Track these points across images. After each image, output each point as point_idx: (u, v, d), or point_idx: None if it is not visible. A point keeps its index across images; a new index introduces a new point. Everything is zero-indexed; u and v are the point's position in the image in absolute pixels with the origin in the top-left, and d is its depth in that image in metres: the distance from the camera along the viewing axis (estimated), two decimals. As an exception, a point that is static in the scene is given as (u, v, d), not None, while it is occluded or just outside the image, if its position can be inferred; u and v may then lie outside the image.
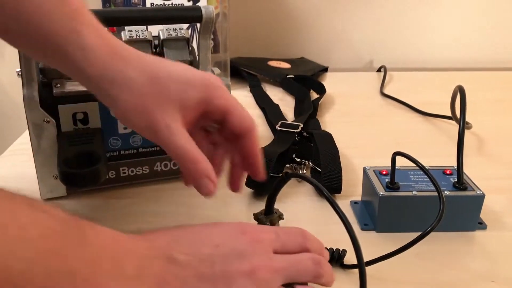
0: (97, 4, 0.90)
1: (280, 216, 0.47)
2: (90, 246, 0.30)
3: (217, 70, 0.62)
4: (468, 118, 0.79)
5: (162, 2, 0.90)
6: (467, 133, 0.79)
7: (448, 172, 0.56)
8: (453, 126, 0.80)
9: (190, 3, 0.92)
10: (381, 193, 0.52)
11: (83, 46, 0.40)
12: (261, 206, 0.56)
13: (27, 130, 0.56)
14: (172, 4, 0.91)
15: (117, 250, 0.32)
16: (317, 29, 1.16)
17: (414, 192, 0.52)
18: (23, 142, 0.74)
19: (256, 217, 0.48)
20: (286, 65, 1.09)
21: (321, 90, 0.94)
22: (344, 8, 1.15)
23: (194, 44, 0.64)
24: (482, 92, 0.98)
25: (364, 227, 0.54)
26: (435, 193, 0.49)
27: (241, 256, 0.35)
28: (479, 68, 1.17)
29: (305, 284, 0.39)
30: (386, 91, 0.99)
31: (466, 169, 0.57)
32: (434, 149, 0.74)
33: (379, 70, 1.14)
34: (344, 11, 1.15)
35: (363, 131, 0.82)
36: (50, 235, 0.27)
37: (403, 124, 0.85)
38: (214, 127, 0.46)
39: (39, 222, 0.27)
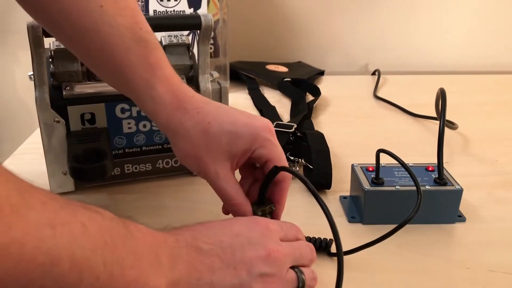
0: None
1: (271, 207, 0.51)
2: (133, 239, 0.35)
3: (216, 74, 0.67)
4: (454, 119, 0.84)
5: (164, 9, 0.94)
6: (453, 133, 0.83)
7: (430, 168, 0.60)
8: (441, 127, 0.84)
9: (191, 10, 0.96)
10: (366, 187, 0.56)
11: (154, 98, 0.47)
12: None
13: (37, 130, 0.60)
14: (173, 10, 0.95)
15: (153, 242, 0.37)
16: (314, 34, 1.20)
17: (397, 187, 0.56)
18: (33, 142, 0.79)
19: None
20: (283, 69, 1.13)
21: (317, 92, 0.98)
22: (340, 14, 1.19)
23: (195, 50, 0.69)
24: (469, 94, 1.02)
25: (351, 219, 0.58)
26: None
27: (256, 243, 0.41)
28: (468, 72, 1.21)
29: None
30: (379, 94, 1.03)
31: (451, 167, 0.61)
32: (422, 148, 0.79)
33: (373, 73, 1.18)
34: (340, 17, 1.19)
35: (355, 131, 0.86)
36: (103, 230, 0.33)
37: (393, 125, 0.89)
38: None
39: (94, 220, 0.32)
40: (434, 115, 0.86)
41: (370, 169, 0.60)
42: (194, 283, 0.38)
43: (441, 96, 0.62)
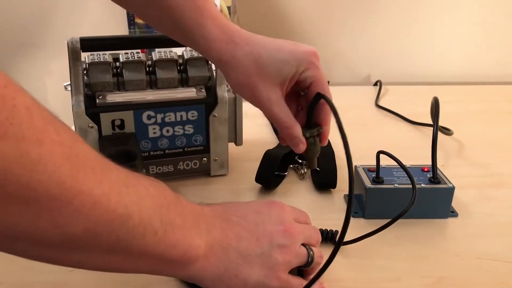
0: (124, 26, 1.02)
1: (319, 129, 0.55)
2: (181, 205, 0.42)
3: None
4: (450, 126, 0.90)
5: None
6: (449, 138, 0.89)
7: (425, 169, 0.67)
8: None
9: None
10: (368, 185, 0.63)
11: (206, 36, 0.52)
12: (268, 198, 0.67)
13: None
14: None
15: (194, 210, 0.44)
16: (319, 47, 1.24)
17: (395, 185, 0.63)
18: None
19: None
20: (290, 80, 1.20)
21: (322, 102, 1.05)
22: (343, 28, 1.26)
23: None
24: (465, 103, 1.09)
25: (355, 214, 0.65)
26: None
27: (275, 220, 0.47)
28: (464, 83, 1.27)
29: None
30: (380, 103, 1.09)
31: (446, 169, 0.67)
32: (419, 152, 0.84)
33: (375, 84, 1.24)
34: (343, 31, 1.26)
35: (358, 137, 0.91)
36: (160, 194, 0.39)
37: (393, 132, 0.96)
38: (306, 92, 0.56)
39: (153, 185, 0.39)
40: (431, 122, 0.93)
41: (371, 169, 0.66)
42: (225, 246, 0.44)
43: (435, 104, 0.69)
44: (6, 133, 0.27)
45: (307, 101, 0.55)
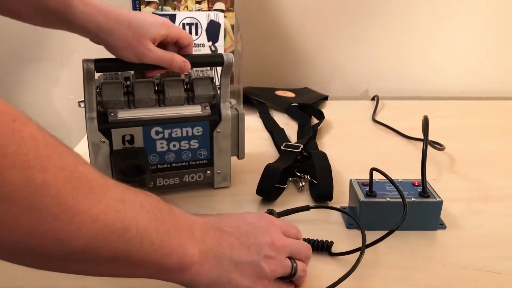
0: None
1: None
2: (175, 216, 0.46)
3: (233, 101, 0.78)
4: (442, 141, 0.95)
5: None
6: (441, 153, 0.93)
7: (416, 183, 0.71)
8: (431, 149, 0.95)
9: (210, 43, 1.08)
10: (361, 199, 0.67)
11: (78, 15, 0.63)
12: (268, 208, 0.71)
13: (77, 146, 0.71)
14: (195, 43, 1.07)
15: (189, 221, 0.48)
16: (319, 63, 1.31)
17: (387, 199, 0.67)
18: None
19: None
20: (291, 94, 1.25)
21: (321, 116, 1.09)
22: (342, 45, 1.30)
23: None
24: (458, 119, 1.14)
25: (349, 226, 0.69)
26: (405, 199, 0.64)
27: (265, 232, 0.51)
28: (458, 98, 1.31)
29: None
30: (377, 118, 1.14)
31: (437, 183, 0.71)
32: (412, 166, 0.88)
33: (373, 99, 1.29)
34: (342, 47, 1.30)
35: (354, 151, 0.97)
36: (154, 207, 0.43)
37: (388, 146, 1.00)
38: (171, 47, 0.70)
39: (148, 199, 0.43)
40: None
41: (365, 183, 0.71)
42: (219, 255, 0.48)
43: (425, 123, 0.73)
44: (14, 163, 0.31)
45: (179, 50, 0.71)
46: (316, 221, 0.71)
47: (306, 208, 0.68)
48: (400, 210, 0.64)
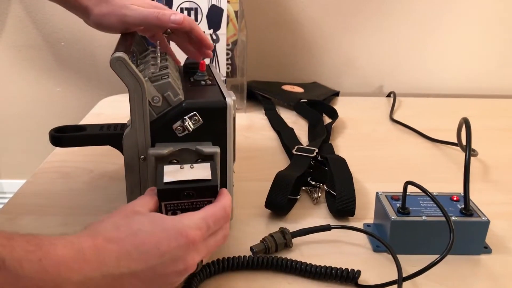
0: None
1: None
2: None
3: (232, 95, 0.66)
4: (473, 145, 0.83)
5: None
6: (473, 160, 0.82)
7: (455, 198, 0.60)
8: (459, 152, 0.84)
9: (211, 31, 0.97)
10: (393, 217, 0.56)
11: None
12: (278, 225, 0.60)
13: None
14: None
15: (57, 276, 0.38)
16: (329, 55, 1.21)
17: (423, 217, 0.56)
18: (54, 160, 0.79)
19: None
20: (299, 89, 1.13)
21: (334, 114, 0.98)
22: (355, 35, 1.19)
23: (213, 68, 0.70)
24: (487, 119, 1.02)
25: (377, 248, 0.58)
26: (443, 218, 0.53)
27: (178, 260, 0.44)
28: (485, 96, 1.21)
29: None
30: (395, 117, 1.03)
31: (471, 195, 0.60)
32: (441, 174, 0.78)
33: (388, 95, 1.18)
34: (355, 38, 1.19)
35: (373, 155, 0.85)
36: None
37: (411, 150, 0.89)
38: (168, 32, 0.66)
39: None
40: (452, 140, 0.87)
41: (395, 197, 0.60)
42: None
43: (465, 127, 0.62)
44: None
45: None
46: (337, 243, 0.59)
47: (326, 228, 0.57)
48: (440, 231, 0.54)
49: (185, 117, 0.54)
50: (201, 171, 0.50)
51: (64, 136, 0.60)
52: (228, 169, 0.58)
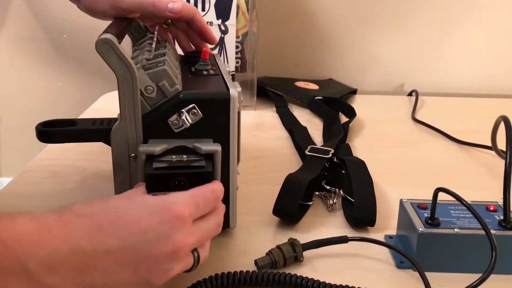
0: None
1: None
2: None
3: (237, 86, 0.59)
4: (503, 148, 0.75)
5: None
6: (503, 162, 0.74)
7: (491, 208, 0.52)
8: (493, 157, 0.76)
9: (219, 21, 0.90)
10: (420, 229, 0.48)
11: None
12: (288, 235, 0.53)
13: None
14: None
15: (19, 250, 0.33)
16: (347, 51, 1.13)
17: (456, 230, 0.48)
18: (44, 158, 0.73)
19: None
20: (314, 86, 1.06)
21: (351, 113, 0.91)
22: (375, 30, 1.12)
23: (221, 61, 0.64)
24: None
25: (400, 265, 0.50)
26: (480, 231, 0.46)
27: (166, 238, 0.37)
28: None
29: None
30: (417, 117, 0.95)
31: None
32: (472, 180, 0.70)
33: (410, 94, 1.10)
34: (375, 33, 1.12)
35: (395, 158, 0.78)
36: None
37: (437, 152, 0.81)
38: (168, 23, 0.62)
39: None
40: (480, 142, 0.79)
41: (422, 206, 0.52)
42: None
43: (505, 126, 0.54)
44: None
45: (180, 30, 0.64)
46: (355, 257, 0.52)
47: (343, 240, 0.50)
48: (475, 246, 0.46)
49: (182, 110, 0.48)
50: (196, 161, 0.45)
51: (52, 131, 0.54)
52: (231, 170, 0.51)
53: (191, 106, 0.47)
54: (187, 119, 0.48)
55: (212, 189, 0.43)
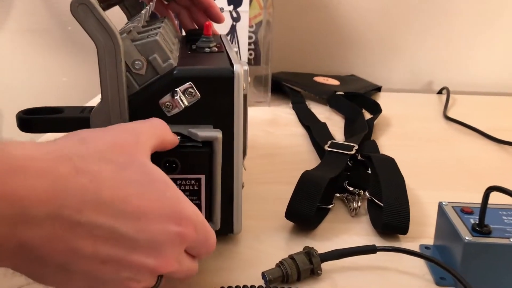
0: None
1: None
2: None
3: (244, 64, 0.50)
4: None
5: None
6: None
7: (553, 214, 0.43)
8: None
9: (231, 8, 0.83)
10: (466, 237, 0.39)
11: None
12: (303, 243, 0.44)
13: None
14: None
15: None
16: (370, 44, 1.06)
17: (511, 239, 0.39)
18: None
19: None
20: (334, 82, 0.98)
21: (376, 109, 0.82)
22: (402, 24, 1.04)
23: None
24: None
25: (441, 281, 0.41)
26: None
27: (155, 249, 0.31)
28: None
29: None
30: (450, 115, 0.86)
31: None
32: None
33: (439, 92, 1.01)
34: (401, 26, 1.04)
35: (425, 157, 0.70)
36: None
37: (473, 152, 0.72)
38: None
39: None
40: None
41: (467, 210, 0.43)
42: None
43: None
44: None
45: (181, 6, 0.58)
46: (384, 270, 0.43)
47: (370, 250, 0.41)
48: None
49: (177, 89, 0.40)
50: (191, 142, 0.39)
51: (35, 118, 0.47)
52: (236, 164, 0.42)
53: (187, 84, 0.40)
54: (182, 100, 0.40)
55: (213, 236, 0.36)
